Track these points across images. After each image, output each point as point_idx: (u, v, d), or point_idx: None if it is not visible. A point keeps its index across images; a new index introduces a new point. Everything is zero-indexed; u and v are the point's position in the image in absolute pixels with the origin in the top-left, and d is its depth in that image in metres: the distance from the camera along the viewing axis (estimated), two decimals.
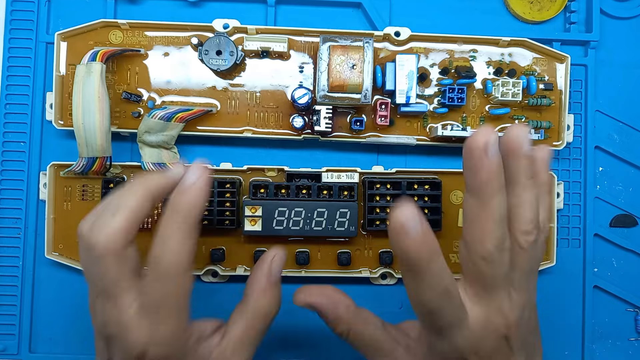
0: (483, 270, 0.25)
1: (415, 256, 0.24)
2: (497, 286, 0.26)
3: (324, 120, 0.35)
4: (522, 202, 0.26)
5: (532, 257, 0.26)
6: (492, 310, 0.26)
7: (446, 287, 0.25)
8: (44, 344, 0.37)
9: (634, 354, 0.39)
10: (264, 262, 0.30)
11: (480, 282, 0.26)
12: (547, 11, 0.39)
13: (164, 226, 0.26)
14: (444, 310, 0.25)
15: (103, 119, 0.33)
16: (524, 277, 0.27)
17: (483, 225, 0.25)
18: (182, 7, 0.38)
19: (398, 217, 0.23)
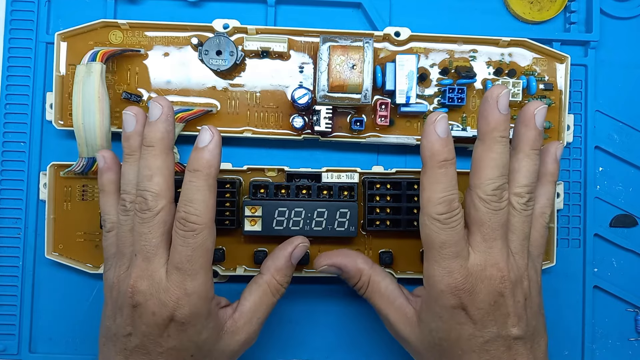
0: (481, 213, 0.28)
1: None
2: (494, 235, 0.28)
3: (324, 121, 0.35)
4: (520, 168, 0.30)
5: (525, 223, 0.29)
6: (489, 260, 0.28)
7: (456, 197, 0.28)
8: (44, 344, 0.37)
9: (634, 354, 0.39)
10: (290, 245, 0.32)
11: (479, 228, 0.29)
12: (547, 11, 0.39)
13: (187, 188, 0.28)
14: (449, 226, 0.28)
15: (103, 119, 0.33)
16: (521, 242, 0.29)
17: (485, 168, 0.28)
18: (182, 7, 0.38)
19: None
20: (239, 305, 0.31)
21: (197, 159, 0.28)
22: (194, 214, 0.28)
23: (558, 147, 0.32)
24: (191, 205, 0.28)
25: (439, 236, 0.28)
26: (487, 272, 0.28)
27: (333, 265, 0.32)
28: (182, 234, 0.28)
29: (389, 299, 0.31)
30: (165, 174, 0.29)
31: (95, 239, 0.36)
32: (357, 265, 0.32)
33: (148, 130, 0.29)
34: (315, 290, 0.38)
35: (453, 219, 0.28)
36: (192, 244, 0.28)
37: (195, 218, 0.28)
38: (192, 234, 0.28)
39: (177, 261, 0.28)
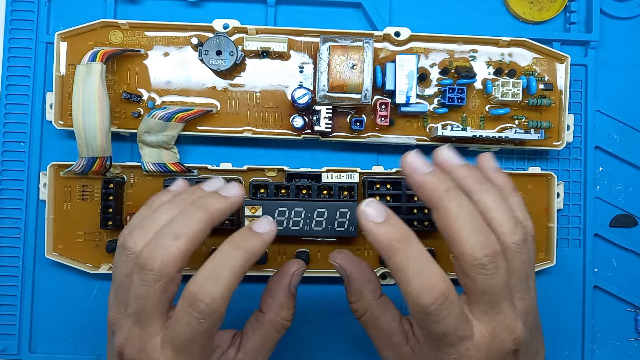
0: (481, 282, 0.24)
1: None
2: (499, 298, 0.25)
3: (324, 120, 0.35)
4: (488, 206, 0.25)
5: (525, 259, 0.26)
6: (498, 325, 0.25)
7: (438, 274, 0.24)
8: (44, 344, 0.37)
9: (634, 354, 0.39)
10: (284, 277, 0.29)
11: (481, 298, 0.25)
12: (547, 11, 0.39)
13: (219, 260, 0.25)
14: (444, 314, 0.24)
15: (103, 119, 0.33)
16: (523, 282, 0.26)
17: (458, 232, 0.24)
18: (182, 7, 0.38)
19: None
20: (241, 345, 0.28)
21: (246, 237, 0.26)
22: (210, 296, 0.24)
23: (488, 158, 0.28)
24: (212, 284, 0.24)
25: (436, 329, 0.24)
26: (497, 339, 0.25)
27: (344, 270, 0.29)
28: (188, 312, 0.24)
29: (384, 335, 0.28)
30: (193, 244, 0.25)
31: (95, 239, 0.36)
32: (362, 287, 0.29)
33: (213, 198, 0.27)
34: (316, 290, 0.38)
35: (445, 305, 0.23)
36: (196, 327, 0.24)
37: (210, 301, 0.24)
38: (199, 317, 0.24)
39: (174, 338, 0.24)
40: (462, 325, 0.24)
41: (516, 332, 0.25)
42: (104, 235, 0.36)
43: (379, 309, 0.28)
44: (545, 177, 0.37)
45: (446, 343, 0.24)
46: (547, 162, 0.39)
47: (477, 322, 0.25)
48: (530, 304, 0.26)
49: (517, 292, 0.26)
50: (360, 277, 0.29)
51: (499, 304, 0.25)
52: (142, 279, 0.24)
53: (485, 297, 0.24)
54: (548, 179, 0.37)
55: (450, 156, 0.27)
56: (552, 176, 0.37)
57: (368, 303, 0.29)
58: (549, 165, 0.39)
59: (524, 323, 0.25)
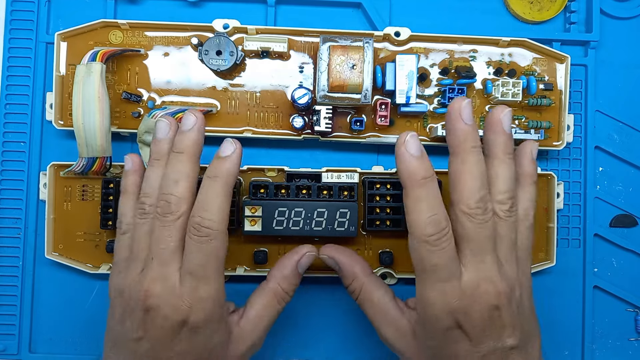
0: (468, 228, 0.28)
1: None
2: (483, 249, 0.28)
3: (324, 120, 0.35)
4: (498, 174, 0.29)
5: (511, 228, 0.29)
6: (481, 276, 0.28)
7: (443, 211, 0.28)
8: (44, 344, 0.37)
9: (634, 354, 0.39)
10: (296, 254, 0.32)
11: (467, 244, 0.28)
12: (547, 11, 0.39)
13: (205, 193, 0.28)
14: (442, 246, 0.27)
15: (103, 119, 0.33)
16: (509, 249, 0.29)
17: (464, 181, 0.28)
18: (182, 7, 0.38)
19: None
20: (245, 311, 0.31)
21: (218, 167, 0.29)
22: (209, 220, 0.28)
23: (533, 147, 0.32)
24: (207, 211, 0.28)
25: (431, 259, 0.27)
26: (481, 288, 0.28)
27: (333, 259, 0.32)
28: (197, 239, 0.28)
29: (381, 310, 0.31)
30: (191, 181, 0.29)
31: (95, 239, 0.36)
32: (353, 269, 0.32)
33: (180, 138, 0.30)
34: (317, 290, 0.38)
35: (443, 239, 0.27)
36: (206, 249, 0.28)
37: (210, 223, 0.28)
38: (207, 240, 0.28)
39: (191, 267, 0.28)
40: (453, 264, 0.28)
41: (497, 285, 0.28)
42: (104, 235, 0.36)
43: (372, 285, 0.31)
44: (545, 177, 0.37)
45: (437, 277, 0.28)
46: (547, 162, 0.39)
47: (464, 269, 0.28)
48: (516, 276, 0.29)
49: (503, 256, 0.29)
50: (349, 260, 0.32)
51: (483, 254, 0.28)
52: (164, 222, 0.28)
53: (471, 244, 0.28)
54: (548, 179, 0.37)
55: (506, 121, 0.30)
56: (552, 176, 0.37)
57: (361, 280, 0.31)
58: (549, 165, 0.39)
59: (508, 285, 0.28)
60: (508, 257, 0.29)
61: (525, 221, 0.31)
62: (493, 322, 0.28)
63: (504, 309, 0.28)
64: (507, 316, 0.28)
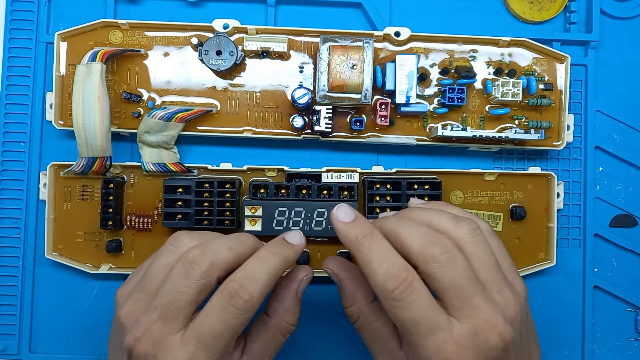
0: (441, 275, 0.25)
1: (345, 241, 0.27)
2: (469, 291, 0.25)
3: (324, 120, 0.35)
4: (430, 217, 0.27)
5: (485, 248, 0.26)
6: (478, 321, 0.25)
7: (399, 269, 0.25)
8: (44, 344, 0.37)
9: (634, 354, 0.39)
10: (293, 282, 0.30)
11: (448, 293, 0.25)
12: (547, 11, 0.39)
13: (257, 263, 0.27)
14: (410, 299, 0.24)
15: (103, 119, 0.33)
16: (495, 275, 0.26)
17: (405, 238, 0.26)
18: (182, 7, 0.38)
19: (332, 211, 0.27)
20: (246, 347, 0.29)
21: (282, 247, 0.28)
22: (249, 292, 0.25)
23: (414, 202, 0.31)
24: (251, 281, 0.26)
25: (405, 315, 0.25)
26: (481, 337, 0.24)
27: (336, 276, 0.30)
28: (224, 306, 0.25)
29: (379, 339, 0.29)
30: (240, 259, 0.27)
31: (95, 239, 0.36)
32: (354, 293, 0.29)
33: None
34: (316, 291, 0.38)
35: (409, 291, 0.24)
36: (231, 322, 0.25)
37: (248, 296, 0.25)
38: (234, 311, 0.25)
39: (204, 334, 0.25)
40: (434, 314, 0.25)
41: (498, 326, 0.25)
42: (104, 235, 0.36)
43: (372, 314, 0.29)
44: (545, 177, 0.37)
45: (420, 333, 0.24)
46: (547, 162, 0.39)
47: (455, 320, 0.25)
48: (511, 299, 0.26)
49: (492, 286, 0.26)
50: (353, 282, 0.30)
51: (470, 298, 0.25)
52: (187, 272, 0.26)
53: (453, 291, 0.25)
54: (548, 179, 0.37)
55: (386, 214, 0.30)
56: (552, 176, 0.37)
57: (361, 308, 0.29)
58: (549, 165, 0.39)
59: (507, 319, 0.25)
60: (498, 285, 0.26)
61: (493, 238, 0.28)
62: None
63: (511, 348, 0.25)
64: (514, 351, 0.25)
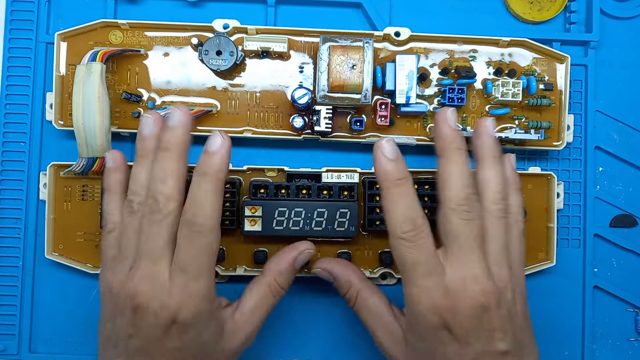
0: (454, 224, 0.28)
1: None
2: (469, 246, 0.28)
3: (324, 121, 0.35)
4: (489, 176, 0.30)
5: (502, 230, 0.29)
6: (467, 273, 0.28)
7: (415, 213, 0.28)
8: (44, 344, 0.37)
9: (634, 354, 0.39)
10: (294, 249, 0.33)
11: (453, 241, 0.28)
12: (547, 11, 0.39)
13: (195, 190, 0.28)
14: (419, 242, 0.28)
15: (103, 119, 0.33)
16: (500, 252, 0.29)
17: (450, 179, 0.29)
18: (182, 7, 0.38)
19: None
20: (239, 305, 0.31)
21: (206, 163, 0.28)
22: (201, 217, 0.28)
23: (512, 157, 0.32)
24: (199, 208, 0.28)
25: (409, 255, 0.28)
26: (468, 286, 0.27)
27: (326, 270, 0.33)
28: (188, 236, 0.28)
29: (376, 316, 0.31)
30: (179, 179, 0.29)
31: (95, 239, 0.36)
32: (347, 277, 0.32)
33: (166, 135, 0.29)
34: (316, 290, 0.38)
35: (420, 236, 0.28)
36: (198, 246, 0.28)
37: (202, 221, 0.28)
38: (198, 236, 0.28)
39: (181, 263, 0.28)
40: (434, 260, 0.28)
41: (484, 284, 0.27)
42: None
43: (367, 291, 0.32)
44: (545, 177, 0.37)
45: (418, 274, 0.28)
46: (547, 162, 0.39)
47: (449, 266, 0.28)
48: (508, 279, 0.29)
49: (493, 258, 0.29)
50: (344, 270, 0.33)
51: (468, 252, 0.28)
52: (152, 220, 0.28)
53: (457, 240, 0.28)
54: (548, 179, 0.37)
55: (491, 128, 0.31)
56: (552, 176, 0.37)
57: (357, 287, 0.32)
58: (549, 165, 0.39)
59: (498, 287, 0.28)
60: (499, 259, 0.29)
61: (516, 227, 0.31)
62: (481, 323, 0.27)
63: (492, 310, 0.27)
64: (497, 318, 0.28)
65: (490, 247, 0.29)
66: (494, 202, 0.29)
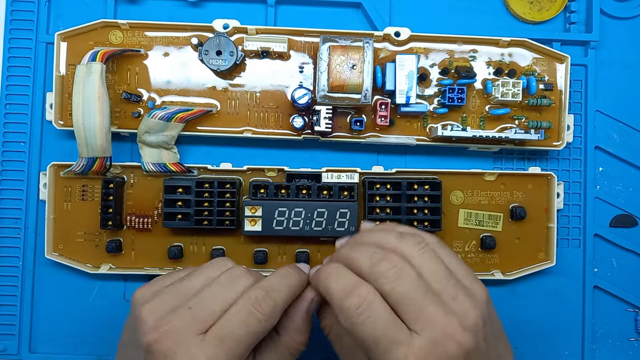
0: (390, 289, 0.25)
1: None
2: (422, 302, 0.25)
3: (324, 121, 0.35)
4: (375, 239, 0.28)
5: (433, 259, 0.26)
6: (435, 332, 0.24)
7: None
8: (44, 344, 0.37)
9: (634, 354, 0.39)
10: (303, 301, 0.30)
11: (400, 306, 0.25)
12: (547, 11, 0.39)
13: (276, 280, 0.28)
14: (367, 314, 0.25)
15: (103, 119, 0.33)
16: (449, 284, 0.26)
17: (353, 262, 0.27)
18: (182, 7, 0.38)
19: None
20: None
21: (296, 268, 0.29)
22: (274, 301, 0.27)
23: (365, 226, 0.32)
24: (276, 293, 0.27)
25: (365, 332, 0.25)
26: (440, 347, 0.24)
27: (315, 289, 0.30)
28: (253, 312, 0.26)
29: (348, 353, 0.29)
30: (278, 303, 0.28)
31: (95, 239, 0.36)
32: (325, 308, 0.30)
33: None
34: None
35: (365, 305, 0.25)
36: (253, 327, 0.26)
37: (274, 307, 0.27)
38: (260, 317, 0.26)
39: (226, 336, 0.26)
40: (394, 330, 0.24)
41: (455, 335, 0.24)
42: (104, 235, 0.36)
43: (340, 328, 0.28)
44: (545, 177, 0.37)
45: (382, 350, 0.24)
46: (547, 162, 0.39)
47: (415, 333, 0.24)
48: (468, 306, 0.25)
49: (446, 295, 0.25)
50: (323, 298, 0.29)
51: (424, 308, 0.24)
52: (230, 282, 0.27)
53: (405, 304, 0.25)
54: (548, 179, 0.37)
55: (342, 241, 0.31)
56: (552, 176, 0.37)
57: (331, 321, 0.29)
58: (549, 165, 0.39)
59: (465, 326, 0.24)
60: (452, 292, 0.25)
61: (442, 249, 0.28)
62: None
63: (473, 355, 0.24)
64: (478, 358, 0.25)
65: (437, 285, 0.25)
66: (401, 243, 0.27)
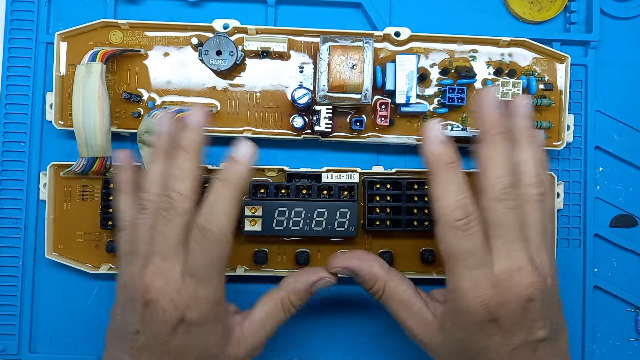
0: (498, 214, 0.27)
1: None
2: (515, 238, 0.27)
3: (324, 121, 0.35)
4: (527, 158, 0.29)
5: (540, 216, 0.28)
6: (514, 265, 0.27)
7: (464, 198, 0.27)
8: (44, 344, 0.37)
9: (634, 354, 0.39)
10: (316, 274, 0.31)
11: (497, 231, 0.27)
12: (547, 11, 0.39)
13: (213, 196, 0.28)
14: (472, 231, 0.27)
15: (103, 119, 0.33)
16: (540, 238, 0.28)
17: (492, 167, 0.28)
18: (182, 7, 0.38)
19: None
20: (249, 314, 0.31)
21: (229, 170, 0.28)
22: (215, 224, 0.27)
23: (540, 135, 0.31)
24: (214, 215, 0.28)
25: (461, 245, 0.27)
26: (514, 279, 0.27)
27: (347, 268, 0.31)
28: (201, 241, 0.27)
29: (407, 305, 0.30)
30: (195, 179, 0.28)
31: (95, 239, 0.36)
32: (372, 270, 0.31)
33: (186, 135, 0.29)
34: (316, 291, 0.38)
35: (472, 224, 0.27)
36: (209, 254, 0.28)
37: (217, 229, 0.27)
38: (211, 244, 0.27)
39: (192, 267, 0.28)
40: (484, 251, 0.27)
41: (531, 276, 0.27)
42: (104, 235, 0.36)
43: (394, 281, 0.30)
44: None
45: (468, 265, 0.27)
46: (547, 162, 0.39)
47: (494, 257, 0.27)
48: (547, 263, 0.28)
49: (534, 245, 0.28)
50: (364, 263, 0.31)
51: (514, 242, 0.27)
52: (166, 219, 0.28)
53: (501, 231, 0.27)
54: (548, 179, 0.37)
55: (526, 108, 0.30)
56: (552, 176, 0.37)
57: (382, 280, 0.30)
58: (549, 165, 0.39)
59: (540, 275, 0.27)
60: (540, 247, 0.28)
61: (550, 209, 0.30)
62: (526, 314, 0.27)
63: (537, 301, 0.27)
64: (540, 308, 0.27)
65: (531, 234, 0.28)
66: (532, 185, 0.28)
